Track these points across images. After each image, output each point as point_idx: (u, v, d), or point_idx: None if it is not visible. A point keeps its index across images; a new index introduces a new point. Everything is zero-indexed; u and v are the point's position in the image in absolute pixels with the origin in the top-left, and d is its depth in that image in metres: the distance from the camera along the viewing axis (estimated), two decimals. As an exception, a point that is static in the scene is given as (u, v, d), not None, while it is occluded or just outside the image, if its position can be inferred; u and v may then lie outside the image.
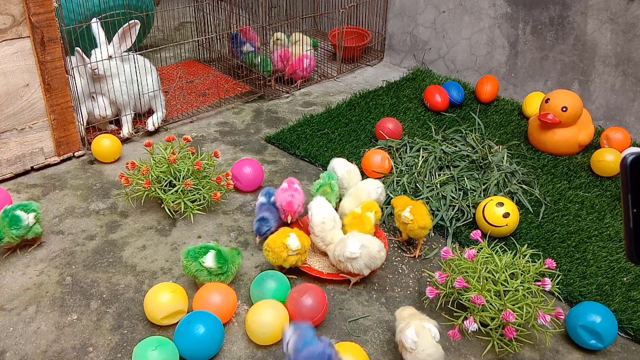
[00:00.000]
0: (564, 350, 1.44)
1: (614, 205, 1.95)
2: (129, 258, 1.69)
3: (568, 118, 2.16)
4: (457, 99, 2.57)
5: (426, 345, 1.29)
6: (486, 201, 1.77)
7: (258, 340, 1.41)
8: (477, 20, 2.73)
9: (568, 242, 1.77)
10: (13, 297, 1.54)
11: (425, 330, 1.31)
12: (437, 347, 1.30)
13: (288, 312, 1.44)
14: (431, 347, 1.29)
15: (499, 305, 1.35)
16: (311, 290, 1.45)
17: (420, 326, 1.31)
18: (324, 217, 1.63)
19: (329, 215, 1.64)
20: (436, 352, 1.29)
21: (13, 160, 2.01)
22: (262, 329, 1.38)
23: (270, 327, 1.38)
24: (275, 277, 1.52)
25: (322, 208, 1.65)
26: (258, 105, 2.66)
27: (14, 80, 1.91)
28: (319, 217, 1.63)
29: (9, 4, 1.81)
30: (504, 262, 1.42)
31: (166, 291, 1.44)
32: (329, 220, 1.63)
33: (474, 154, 2.07)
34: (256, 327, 1.39)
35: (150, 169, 1.81)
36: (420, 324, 1.32)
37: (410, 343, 1.29)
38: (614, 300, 1.55)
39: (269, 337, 1.39)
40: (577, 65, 2.47)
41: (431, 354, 1.29)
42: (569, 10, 2.42)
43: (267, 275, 1.53)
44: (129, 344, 1.41)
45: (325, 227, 1.62)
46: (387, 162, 2.03)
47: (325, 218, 1.63)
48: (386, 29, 3.13)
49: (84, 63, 2.14)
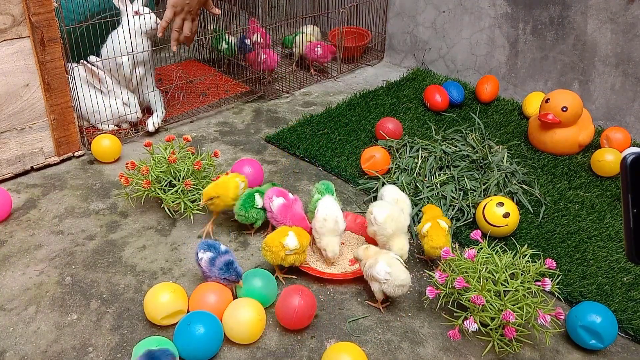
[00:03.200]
0: (564, 350, 1.44)
1: (614, 205, 1.95)
2: (128, 258, 1.69)
3: (568, 118, 2.16)
4: (457, 99, 2.57)
5: (399, 272, 1.46)
6: (486, 201, 1.77)
7: (234, 339, 1.41)
8: (477, 20, 2.73)
9: (568, 242, 1.77)
10: (13, 297, 1.54)
11: (394, 260, 1.48)
12: (407, 273, 1.47)
13: (278, 314, 1.44)
14: (403, 274, 1.46)
15: (499, 306, 1.35)
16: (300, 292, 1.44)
17: (390, 258, 1.48)
18: (326, 214, 1.63)
19: (332, 215, 1.64)
20: (407, 277, 1.47)
21: (13, 160, 2.01)
22: (237, 327, 1.38)
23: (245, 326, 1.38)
24: (262, 276, 1.52)
25: (328, 206, 1.65)
26: (258, 105, 2.66)
27: (14, 80, 1.91)
28: (322, 214, 1.63)
29: (8, 3, 1.81)
30: (504, 262, 1.42)
31: (166, 291, 1.44)
32: (330, 219, 1.63)
33: (474, 154, 2.07)
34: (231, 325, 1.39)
35: (150, 169, 1.81)
36: (389, 255, 1.49)
37: (384, 274, 1.44)
38: (614, 301, 1.55)
39: (245, 336, 1.40)
40: (577, 65, 2.47)
41: (404, 279, 1.46)
42: (569, 10, 2.42)
43: (253, 274, 1.53)
44: (129, 344, 1.41)
45: (326, 225, 1.62)
46: (385, 159, 2.02)
47: (328, 216, 1.63)
48: (386, 29, 3.13)
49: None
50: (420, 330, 1.48)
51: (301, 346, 1.42)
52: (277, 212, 1.70)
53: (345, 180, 2.09)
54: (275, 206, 1.70)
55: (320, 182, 1.83)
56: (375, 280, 1.48)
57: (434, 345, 1.44)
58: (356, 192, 2.03)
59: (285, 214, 1.69)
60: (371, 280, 1.50)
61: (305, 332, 1.46)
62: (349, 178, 2.08)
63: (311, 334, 1.46)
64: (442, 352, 1.42)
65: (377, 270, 1.46)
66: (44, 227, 1.81)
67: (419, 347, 1.43)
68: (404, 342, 1.45)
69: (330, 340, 1.44)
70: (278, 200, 1.71)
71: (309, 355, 1.40)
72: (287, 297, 1.42)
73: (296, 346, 1.42)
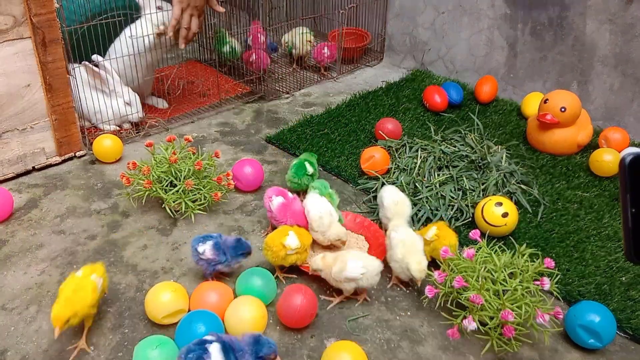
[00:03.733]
0: (563, 349, 1.45)
1: (613, 205, 1.96)
2: (130, 258, 1.70)
3: (567, 118, 2.17)
4: (456, 99, 2.58)
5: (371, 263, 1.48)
6: (485, 201, 1.78)
7: None
8: (476, 21, 2.74)
9: (567, 241, 1.78)
10: (14, 297, 1.55)
11: (358, 253, 1.51)
12: (376, 259, 1.50)
13: (279, 313, 1.45)
14: (375, 261, 1.49)
15: (498, 305, 1.36)
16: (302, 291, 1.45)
17: (352, 253, 1.50)
18: (321, 212, 1.64)
19: (326, 210, 1.65)
20: (379, 263, 1.49)
21: (14, 160, 2.01)
22: (239, 325, 1.39)
23: (247, 324, 1.39)
24: (261, 275, 1.53)
25: (317, 203, 1.67)
26: (258, 105, 2.67)
27: (15, 80, 1.91)
28: (316, 213, 1.64)
29: (10, 4, 1.82)
30: (503, 262, 1.43)
31: (167, 290, 1.45)
32: (326, 215, 1.64)
33: (473, 154, 2.08)
34: (234, 323, 1.40)
35: (151, 169, 1.81)
36: (350, 252, 1.51)
37: (360, 270, 1.46)
38: (612, 300, 1.56)
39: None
40: (576, 66, 2.48)
41: (378, 265, 1.49)
42: (568, 11, 2.43)
43: (252, 273, 1.53)
44: (130, 343, 1.42)
45: (323, 222, 1.63)
46: (385, 159, 2.03)
47: (323, 213, 1.64)
48: (386, 30, 3.13)
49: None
50: (420, 329, 1.49)
51: (301, 345, 1.43)
52: (276, 211, 1.70)
53: (344, 180, 2.10)
54: (275, 205, 1.71)
55: (316, 181, 1.84)
56: (350, 281, 1.48)
57: (433, 344, 1.45)
58: (356, 192, 2.04)
59: (284, 213, 1.70)
60: (345, 282, 1.48)
61: (305, 331, 1.47)
62: (348, 178, 2.09)
63: (311, 332, 1.46)
64: (442, 351, 1.43)
65: (350, 271, 1.46)
66: (45, 227, 1.81)
67: (419, 346, 1.44)
68: (404, 341, 1.45)
69: (330, 339, 1.45)
70: (277, 200, 1.71)
71: (309, 354, 1.40)
72: (289, 296, 1.43)
73: (296, 345, 1.43)
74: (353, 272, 1.46)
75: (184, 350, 1.20)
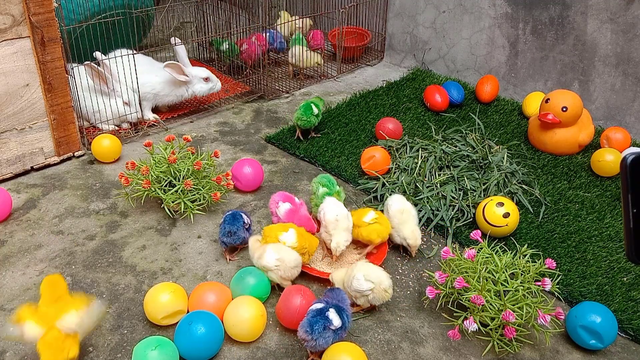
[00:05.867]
0: (564, 350, 1.44)
1: (614, 205, 1.95)
2: (128, 258, 1.69)
3: (568, 118, 2.16)
4: (457, 99, 2.57)
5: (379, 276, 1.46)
6: (486, 201, 1.77)
7: (236, 337, 1.41)
8: (477, 20, 2.73)
9: (568, 242, 1.77)
10: (13, 297, 1.54)
11: (370, 267, 1.48)
12: (385, 273, 1.48)
13: (279, 314, 1.44)
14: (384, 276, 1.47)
15: (499, 305, 1.35)
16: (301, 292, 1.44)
17: (365, 268, 1.47)
18: (337, 214, 1.63)
19: (342, 213, 1.65)
20: (387, 276, 1.48)
21: (13, 160, 2.01)
22: (239, 325, 1.39)
23: (247, 324, 1.38)
24: (254, 274, 1.52)
25: (334, 206, 1.66)
26: (258, 105, 2.66)
27: (14, 80, 1.91)
28: (333, 214, 1.63)
29: (8, 3, 1.81)
30: (504, 262, 1.42)
31: (166, 291, 1.44)
32: (342, 218, 1.63)
33: (474, 154, 2.07)
34: (233, 323, 1.39)
35: (150, 169, 1.81)
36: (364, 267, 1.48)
37: (368, 285, 1.44)
38: (614, 301, 1.55)
39: (247, 334, 1.40)
40: (577, 65, 2.47)
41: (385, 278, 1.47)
42: (569, 10, 2.42)
43: (247, 272, 1.53)
44: (129, 344, 1.41)
45: (339, 225, 1.62)
46: (385, 159, 2.02)
47: (339, 215, 1.63)
48: (386, 29, 3.13)
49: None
50: (420, 330, 1.48)
51: (301, 346, 1.42)
52: (283, 217, 1.70)
53: (345, 180, 2.09)
54: (282, 212, 1.71)
55: (320, 176, 1.83)
56: (361, 296, 1.47)
57: (434, 345, 1.44)
58: (356, 192, 2.03)
59: (291, 218, 1.69)
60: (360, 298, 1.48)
61: (305, 332, 1.46)
62: (348, 178, 2.08)
63: (311, 333, 1.46)
64: (442, 352, 1.42)
65: (356, 285, 1.45)
66: (44, 227, 1.81)
67: (419, 347, 1.43)
68: (404, 342, 1.45)
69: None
70: (284, 206, 1.71)
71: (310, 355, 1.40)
72: (288, 297, 1.42)
73: (296, 346, 1.42)
74: (360, 286, 1.45)
75: (306, 325, 1.29)
